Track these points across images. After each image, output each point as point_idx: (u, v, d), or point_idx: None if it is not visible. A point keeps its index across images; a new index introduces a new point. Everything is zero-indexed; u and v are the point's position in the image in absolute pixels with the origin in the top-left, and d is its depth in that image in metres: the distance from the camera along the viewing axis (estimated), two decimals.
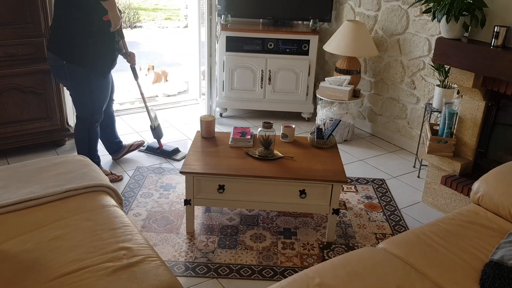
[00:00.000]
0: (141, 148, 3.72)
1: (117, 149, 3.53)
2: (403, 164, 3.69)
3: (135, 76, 3.41)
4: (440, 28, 2.81)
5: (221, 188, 2.53)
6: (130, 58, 3.26)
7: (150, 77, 5.30)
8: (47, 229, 1.79)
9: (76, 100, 3.05)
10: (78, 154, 3.16)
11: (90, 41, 2.84)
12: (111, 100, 3.30)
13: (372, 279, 1.63)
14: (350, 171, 3.50)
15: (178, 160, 3.57)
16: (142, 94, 3.50)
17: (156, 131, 3.60)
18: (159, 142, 3.65)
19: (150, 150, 3.69)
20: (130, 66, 3.33)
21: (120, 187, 3.15)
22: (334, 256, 2.33)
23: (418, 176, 3.49)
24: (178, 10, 12.26)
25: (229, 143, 2.80)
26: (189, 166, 2.54)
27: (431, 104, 3.37)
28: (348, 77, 3.91)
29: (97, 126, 3.15)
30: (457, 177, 2.88)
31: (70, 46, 2.83)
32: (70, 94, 3.09)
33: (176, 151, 3.67)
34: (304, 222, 2.83)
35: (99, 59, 2.93)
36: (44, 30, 3.34)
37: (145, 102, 3.55)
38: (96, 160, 3.23)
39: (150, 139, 3.83)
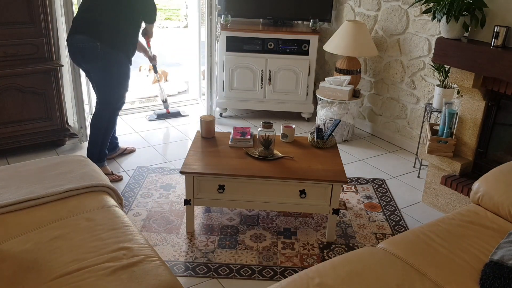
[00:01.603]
0: (152, 116, 4.41)
1: (113, 147, 3.53)
2: (403, 164, 3.69)
3: (155, 70, 4.20)
4: (440, 28, 2.81)
5: (221, 188, 2.53)
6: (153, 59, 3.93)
7: (150, 77, 5.29)
8: (47, 229, 1.79)
9: (103, 84, 3.13)
10: (90, 141, 3.25)
11: (127, 28, 3.04)
12: None
13: (372, 279, 1.63)
14: (350, 171, 3.50)
15: (187, 115, 4.53)
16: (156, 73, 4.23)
17: (166, 103, 4.43)
18: (167, 109, 4.45)
19: (162, 116, 4.43)
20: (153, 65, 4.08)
21: (120, 187, 3.14)
22: (334, 256, 2.33)
23: (418, 176, 3.49)
24: (178, 10, 12.25)
25: (229, 143, 2.80)
26: (189, 166, 2.54)
27: (431, 104, 3.37)
28: (348, 77, 3.91)
29: (117, 115, 3.25)
30: (457, 177, 2.88)
31: (107, 30, 2.96)
32: (95, 80, 3.16)
33: (181, 112, 4.55)
34: (304, 222, 2.83)
35: (130, 43, 3.12)
36: (44, 30, 3.33)
37: (159, 80, 4.33)
38: (105, 151, 3.27)
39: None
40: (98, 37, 2.94)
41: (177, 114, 4.52)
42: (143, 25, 3.33)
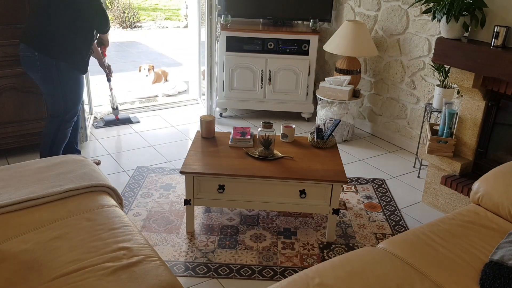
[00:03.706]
0: (100, 123, 4.19)
1: None
2: (403, 164, 3.69)
3: (108, 78, 3.87)
4: (440, 28, 2.81)
5: (221, 188, 2.53)
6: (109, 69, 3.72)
7: (150, 77, 5.30)
8: (47, 229, 1.79)
9: (47, 95, 2.96)
10: (40, 153, 3.09)
11: (72, 37, 2.83)
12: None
13: (372, 279, 1.63)
14: (350, 171, 3.50)
15: (138, 122, 4.31)
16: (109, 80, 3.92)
17: (116, 110, 4.17)
18: (116, 116, 4.21)
19: (109, 123, 4.19)
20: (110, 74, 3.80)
21: (120, 187, 3.14)
22: (334, 256, 2.33)
23: (418, 176, 3.49)
24: (178, 10, 12.26)
25: (229, 143, 2.80)
26: (189, 166, 2.54)
27: (431, 104, 3.38)
28: (348, 77, 3.91)
29: (68, 128, 3.06)
30: (457, 177, 2.88)
31: (45, 38, 2.78)
32: (42, 90, 3.00)
33: (132, 118, 4.32)
34: (304, 222, 2.83)
35: (76, 53, 2.88)
36: None
37: (111, 89, 4.03)
38: None
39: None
40: (35, 47, 2.78)
41: (127, 121, 4.28)
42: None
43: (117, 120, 4.23)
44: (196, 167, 2.54)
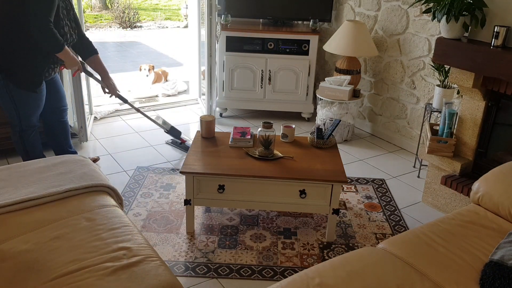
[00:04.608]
0: (168, 140, 3.87)
1: None
2: (403, 164, 3.69)
3: (124, 101, 3.39)
4: (440, 28, 2.81)
5: (221, 188, 2.53)
6: (110, 89, 3.19)
7: (151, 77, 5.30)
8: (47, 229, 1.79)
9: (2, 107, 2.88)
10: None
11: (12, 51, 2.69)
12: (61, 108, 3.13)
13: (372, 279, 1.63)
14: (350, 171, 3.50)
15: None
16: (139, 111, 3.58)
17: (172, 132, 3.76)
18: (180, 138, 3.79)
19: (175, 144, 3.83)
20: (115, 96, 3.26)
21: (120, 187, 3.14)
22: (334, 256, 2.33)
23: (418, 176, 3.49)
24: (178, 10, 12.27)
25: (229, 143, 2.80)
26: (189, 166, 2.54)
27: (431, 104, 3.38)
28: (348, 77, 3.91)
29: (31, 133, 2.98)
30: (457, 177, 2.88)
31: None
32: None
33: None
34: (304, 222, 2.84)
35: (24, 70, 2.73)
36: None
37: (145, 115, 3.62)
38: None
39: (153, 141, 3.83)
40: None
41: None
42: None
43: (181, 143, 3.77)
44: (196, 167, 2.54)
